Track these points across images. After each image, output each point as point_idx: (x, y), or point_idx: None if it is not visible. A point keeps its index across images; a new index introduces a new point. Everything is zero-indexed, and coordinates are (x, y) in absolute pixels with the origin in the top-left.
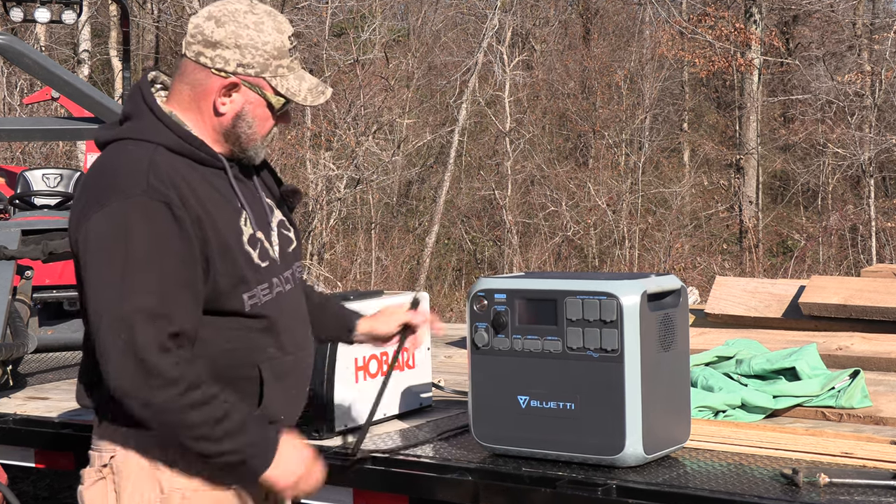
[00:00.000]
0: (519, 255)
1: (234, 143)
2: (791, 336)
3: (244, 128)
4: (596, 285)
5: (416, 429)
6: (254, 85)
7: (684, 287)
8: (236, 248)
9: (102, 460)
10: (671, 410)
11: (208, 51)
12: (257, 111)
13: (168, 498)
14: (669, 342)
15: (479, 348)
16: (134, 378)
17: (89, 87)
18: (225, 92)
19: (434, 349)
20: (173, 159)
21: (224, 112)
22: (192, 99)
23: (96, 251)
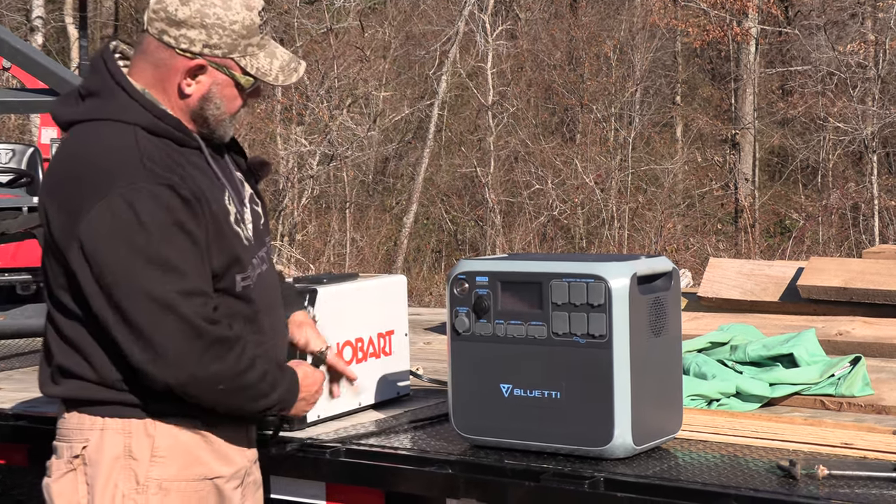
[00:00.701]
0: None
1: (201, 124)
2: (789, 321)
3: (212, 109)
4: (583, 267)
5: (392, 419)
6: (221, 66)
7: (676, 269)
8: (227, 228)
9: (73, 451)
10: (662, 399)
11: (172, 30)
12: (225, 91)
13: (144, 489)
14: (660, 327)
15: (459, 334)
16: (196, 356)
17: (43, 56)
18: (190, 74)
19: (412, 335)
20: (154, 141)
21: (190, 94)
22: (155, 78)
23: (111, 243)
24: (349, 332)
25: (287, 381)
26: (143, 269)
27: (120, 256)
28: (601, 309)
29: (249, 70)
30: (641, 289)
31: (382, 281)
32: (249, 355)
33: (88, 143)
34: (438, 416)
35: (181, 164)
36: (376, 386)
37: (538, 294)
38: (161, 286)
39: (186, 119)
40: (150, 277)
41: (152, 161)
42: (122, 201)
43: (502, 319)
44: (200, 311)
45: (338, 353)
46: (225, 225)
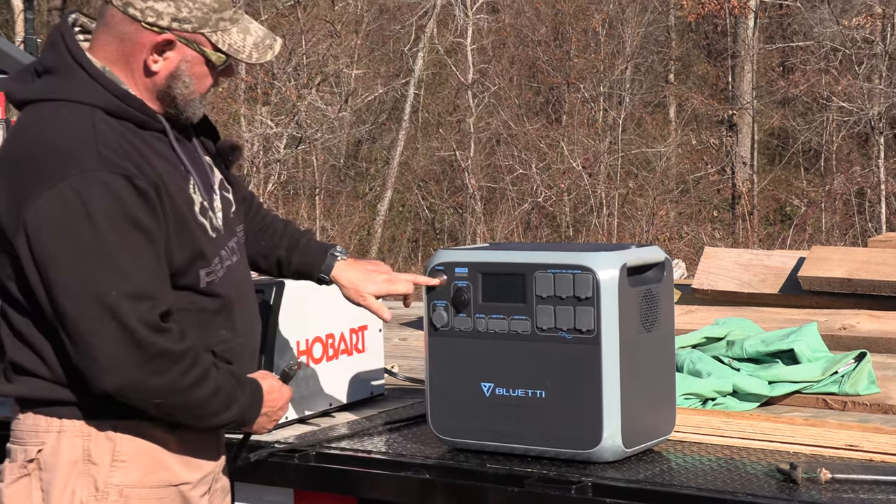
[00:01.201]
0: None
1: (169, 104)
2: (789, 314)
3: (180, 88)
4: (569, 258)
5: (365, 420)
6: (191, 41)
7: (669, 259)
8: (191, 220)
9: (27, 454)
10: (654, 398)
11: (138, 1)
12: (195, 69)
13: (104, 495)
14: (652, 322)
15: (437, 329)
16: (134, 366)
17: None
18: (157, 49)
19: (386, 331)
20: (114, 124)
21: (157, 71)
22: (120, 54)
23: (57, 236)
24: (319, 328)
25: (248, 395)
26: (88, 266)
27: (64, 251)
28: (588, 302)
29: (221, 46)
30: (632, 280)
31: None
32: (199, 370)
33: (41, 125)
34: (415, 418)
35: (141, 150)
36: (348, 385)
37: (521, 286)
38: (105, 287)
39: (152, 99)
40: (93, 276)
41: (108, 147)
42: (72, 191)
43: (483, 314)
44: (146, 318)
45: (305, 353)
46: (188, 217)
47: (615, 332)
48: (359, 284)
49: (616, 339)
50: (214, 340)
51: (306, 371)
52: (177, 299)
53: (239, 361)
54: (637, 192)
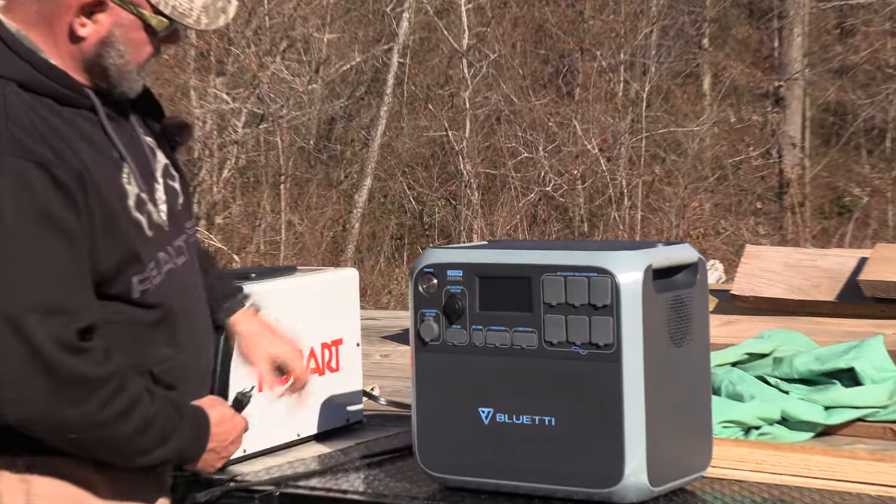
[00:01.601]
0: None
1: (100, 77)
2: (848, 325)
3: (113, 57)
4: (583, 258)
5: (340, 454)
6: (127, 2)
7: (703, 260)
8: (123, 216)
9: None
10: (686, 427)
11: None
12: (131, 35)
13: None
14: (683, 334)
15: (426, 344)
16: (43, 394)
17: None
18: (86, 11)
19: (366, 346)
20: (29, 100)
21: (84, 37)
22: (39, 16)
23: None
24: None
25: (190, 428)
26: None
27: None
28: (607, 311)
29: (163, 9)
30: (659, 285)
31: (328, 276)
32: (125, 399)
33: None
34: (399, 450)
35: (61, 131)
36: (320, 411)
37: (527, 292)
38: (10, 297)
39: (78, 69)
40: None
41: (21, 128)
42: None
43: (481, 325)
44: (58, 335)
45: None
46: (119, 212)
47: (639, 346)
48: (259, 339)
49: (640, 355)
50: (153, 360)
51: (268, 395)
52: (104, 311)
53: (183, 385)
54: (665, 180)
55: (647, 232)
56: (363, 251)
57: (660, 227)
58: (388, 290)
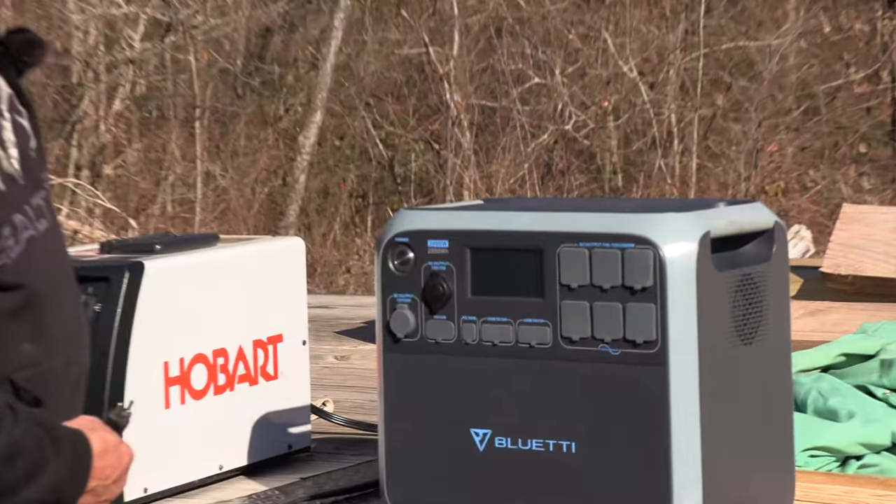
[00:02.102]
0: (474, 169)
1: None
2: None
3: None
4: (616, 223)
5: (278, 494)
6: None
7: (783, 225)
8: None
9: None
10: (758, 456)
11: None
12: None
13: None
14: (754, 329)
15: (398, 341)
16: None
17: None
18: None
19: (315, 344)
20: None
21: None
22: None
23: None
24: (202, 340)
25: (67, 458)
26: None
27: None
28: (648, 296)
29: None
30: (720, 260)
31: (262, 248)
32: None
33: None
34: (361, 487)
35: None
36: (251, 435)
37: (537, 271)
38: None
39: None
40: None
41: None
42: None
43: (474, 315)
44: None
45: (178, 381)
46: None
47: (692, 345)
48: None
49: (694, 356)
50: (14, 363)
51: (178, 414)
52: None
53: (53, 397)
54: (731, 115)
55: (704, 187)
56: (311, 214)
57: (723, 181)
58: (345, 268)
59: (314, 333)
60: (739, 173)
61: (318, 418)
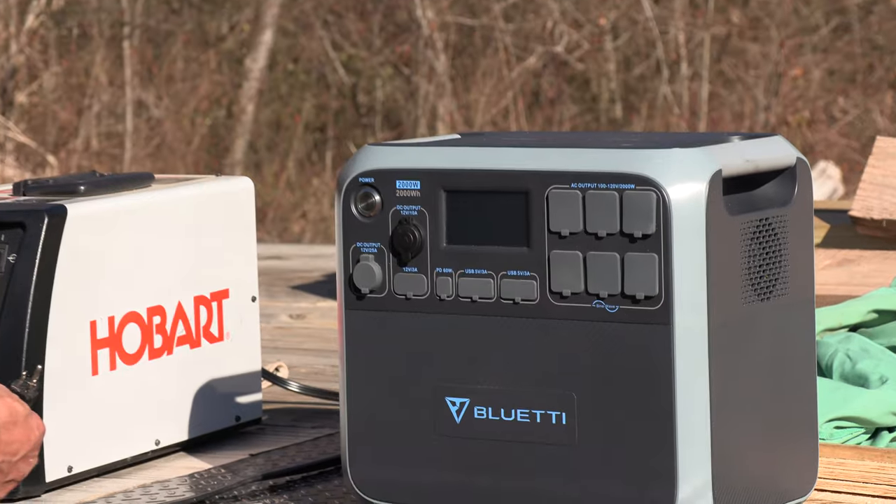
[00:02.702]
0: (450, 98)
1: None
2: None
3: None
4: (614, 160)
5: (225, 472)
6: None
7: (806, 162)
8: None
9: None
10: (776, 428)
11: None
12: None
13: None
14: (772, 282)
15: (362, 297)
16: None
17: None
18: None
19: (266, 300)
20: None
21: None
22: None
23: None
24: (135, 296)
25: None
26: None
27: None
28: (650, 244)
29: None
30: (734, 203)
31: (204, 190)
32: None
33: None
34: (320, 465)
35: None
36: (192, 405)
37: (522, 216)
38: None
39: None
40: None
41: None
42: None
43: (449, 266)
44: None
45: (108, 343)
46: None
47: (701, 300)
48: None
49: (703, 314)
50: None
51: (107, 381)
52: None
53: None
54: (748, 34)
55: (716, 118)
56: (261, 150)
57: (738, 111)
58: (301, 213)
59: (265, 288)
60: (757, 102)
61: (271, 386)
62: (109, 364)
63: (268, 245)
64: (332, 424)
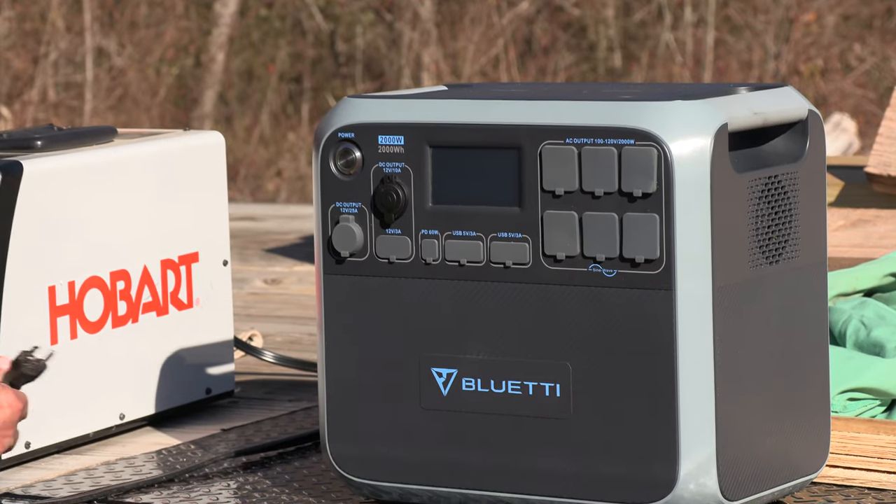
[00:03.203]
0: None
1: None
2: None
3: None
4: (612, 113)
5: (196, 447)
6: None
7: (818, 115)
8: None
9: None
10: (784, 399)
11: None
12: None
13: None
14: (781, 244)
15: (341, 261)
16: None
17: None
18: None
19: (239, 264)
20: None
21: None
22: None
23: None
24: (97, 260)
25: None
26: None
27: None
28: (651, 204)
29: None
30: (741, 159)
31: (171, 145)
32: None
33: None
34: (297, 441)
35: None
36: (160, 377)
37: (514, 173)
38: None
39: None
40: None
41: None
42: None
43: (435, 228)
44: None
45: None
46: None
47: (705, 264)
48: None
49: (707, 278)
50: None
51: (68, 351)
52: None
53: None
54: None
55: (723, 67)
56: (232, 102)
57: (745, 60)
58: (275, 171)
59: (238, 252)
60: (767, 50)
61: (244, 356)
62: (70, 332)
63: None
64: (309, 397)
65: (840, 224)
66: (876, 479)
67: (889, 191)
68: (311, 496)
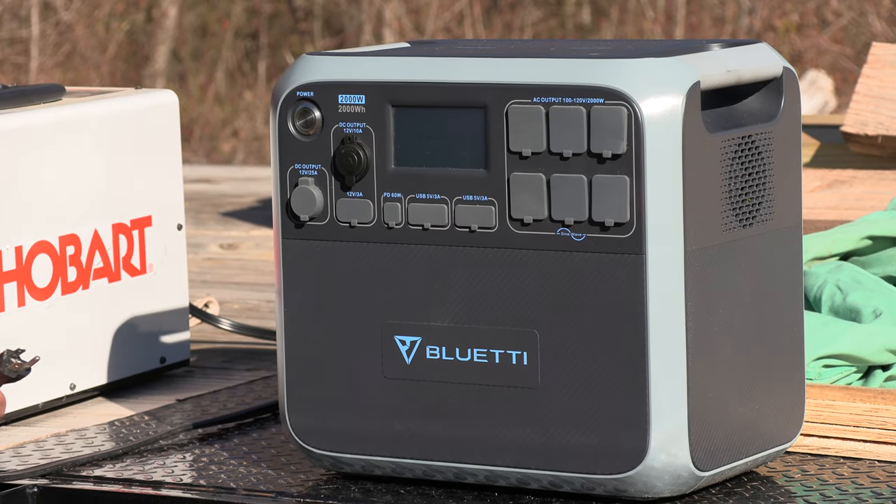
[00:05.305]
0: (398, 1)
1: None
2: None
3: None
4: (580, 71)
5: (150, 419)
6: None
7: (793, 73)
8: None
9: None
10: (758, 366)
11: None
12: None
13: None
14: (754, 206)
15: (301, 225)
16: None
17: None
18: None
19: (193, 229)
20: None
21: None
22: None
23: None
24: (45, 223)
25: None
26: None
27: None
28: (621, 165)
29: None
30: (713, 118)
31: (121, 104)
32: None
33: None
34: (255, 412)
35: None
36: (111, 346)
37: (479, 134)
38: None
39: None
40: None
41: None
42: None
43: (398, 191)
44: None
45: (16, 276)
46: None
47: (677, 228)
48: None
49: (678, 242)
50: None
51: (15, 319)
52: None
53: None
54: None
55: (695, 23)
56: (185, 60)
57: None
58: (231, 131)
59: (193, 215)
60: (741, 5)
61: (200, 323)
62: (17, 300)
63: (195, 167)
64: (268, 366)
65: (815, 185)
66: (851, 448)
67: (866, 150)
68: (270, 468)
